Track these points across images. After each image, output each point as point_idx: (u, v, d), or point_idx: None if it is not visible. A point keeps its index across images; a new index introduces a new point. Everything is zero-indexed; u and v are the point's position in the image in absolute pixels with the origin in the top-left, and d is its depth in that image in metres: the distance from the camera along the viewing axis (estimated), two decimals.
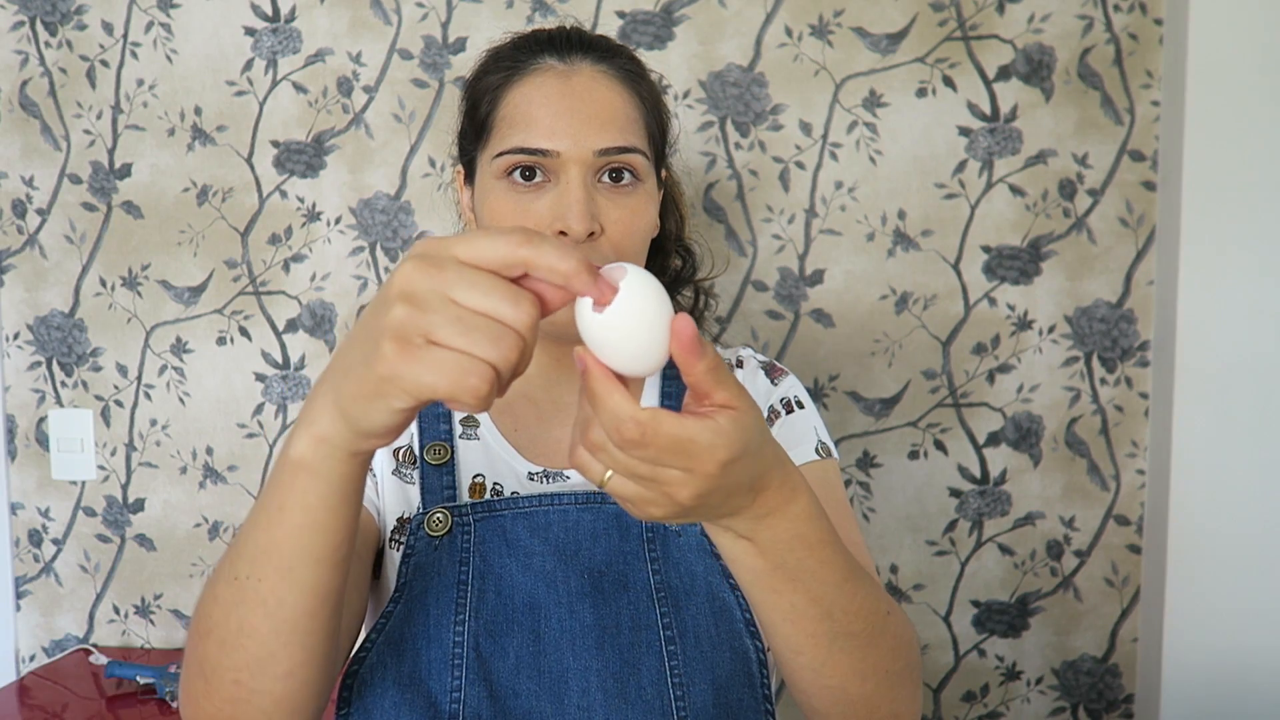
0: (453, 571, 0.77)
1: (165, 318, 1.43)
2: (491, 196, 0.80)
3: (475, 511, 0.79)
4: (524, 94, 0.79)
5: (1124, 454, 1.34)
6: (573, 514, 0.79)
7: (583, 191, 0.77)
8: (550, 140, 0.77)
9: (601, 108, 0.79)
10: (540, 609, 0.76)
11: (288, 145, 1.39)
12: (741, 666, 0.77)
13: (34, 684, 1.37)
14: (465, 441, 0.85)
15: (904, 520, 1.37)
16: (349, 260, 1.39)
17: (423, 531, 0.79)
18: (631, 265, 0.51)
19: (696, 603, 0.78)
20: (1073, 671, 1.36)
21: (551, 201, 0.78)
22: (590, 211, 0.77)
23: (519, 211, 0.78)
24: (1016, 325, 1.34)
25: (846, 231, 1.34)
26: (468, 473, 0.83)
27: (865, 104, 1.32)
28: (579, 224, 0.76)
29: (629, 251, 0.80)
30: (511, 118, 0.79)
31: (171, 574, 1.46)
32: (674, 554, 0.79)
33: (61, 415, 1.45)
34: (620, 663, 0.74)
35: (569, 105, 0.78)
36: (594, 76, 0.80)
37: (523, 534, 0.79)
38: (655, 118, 0.85)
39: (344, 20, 1.36)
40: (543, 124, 0.78)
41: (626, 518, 0.79)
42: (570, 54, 0.81)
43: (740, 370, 0.91)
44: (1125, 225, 1.32)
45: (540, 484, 0.83)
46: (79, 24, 1.40)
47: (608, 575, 0.77)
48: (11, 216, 1.44)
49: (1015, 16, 1.30)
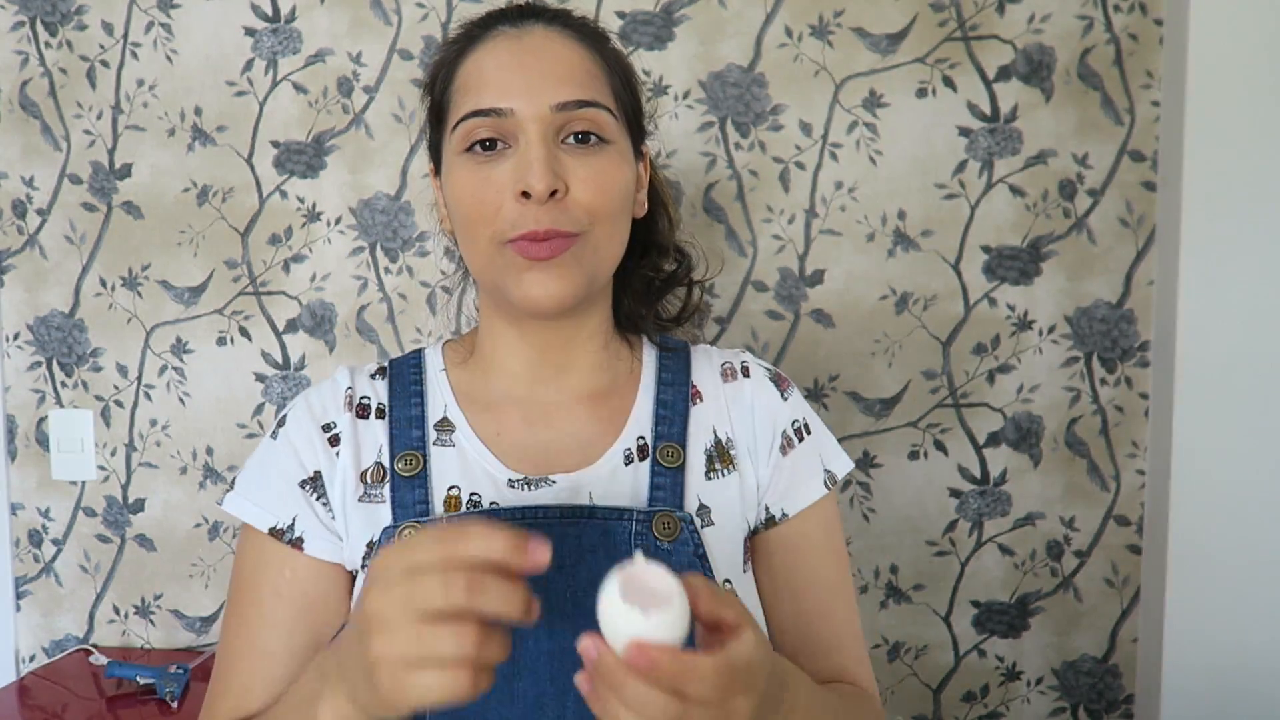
0: None
1: (165, 318, 1.43)
2: (453, 175, 0.76)
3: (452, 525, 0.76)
4: (476, 61, 0.76)
5: (1124, 454, 1.34)
6: (557, 529, 0.74)
7: (542, 148, 0.72)
8: (503, 99, 0.73)
9: (556, 62, 0.75)
10: (517, 631, 0.69)
11: (288, 145, 1.39)
12: None
13: (34, 684, 1.37)
14: (440, 449, 0.80)
15: (904, 520, 1.37)
16: (349, 260, 1.39)
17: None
18: (653, 567, 0.55)
19: None
20: (1073, 672, 1.36)
21: (512, 165, 0.73)
22: (551, 168, 0.72)
23: (479, 181, 0.74)
24: (1016, 325, 1.34)
25: (846, 232, 1.34)
26: (442, 484, 0.78)
27: (865, 104, 1.32)
28: (539, 181, 0.71)
29: (603, 212, 0.75)
30: (464, 87, 0.76)
31: (171, 574, 1.46)
32: None
33: (61, 415, 1.45)
34: None
35: (520, 61, 0.74)
36: (547, 35, 0.76)
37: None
38: (624, 79, 0.80)
39: (344, 20, 1.36)
40: (494, 84, 0.74)
41: (615, 533, 0.75)
42: (523, 20, 0.77)
43: (748, 380, 0.86)
44: (1125, 225, 1.32)
45: (521, 491, 0.78)
46: (79, 24, 1.40)
47: (592, 595, 0.70)
48: (11, 216, 1.44)
49: (1015, 17, 1.30)
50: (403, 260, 1.39)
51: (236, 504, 0.80)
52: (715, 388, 0.85)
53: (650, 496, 0.78)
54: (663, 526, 0.76)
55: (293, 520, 0.78)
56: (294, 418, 0.82)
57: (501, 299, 0.79)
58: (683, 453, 0.81)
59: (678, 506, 0.78)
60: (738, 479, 0.82)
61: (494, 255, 0.75)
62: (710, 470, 0.81)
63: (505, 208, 0.73)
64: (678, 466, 0.80)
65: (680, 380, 0.85)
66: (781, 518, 0.84)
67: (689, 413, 0.83)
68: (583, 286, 0.76)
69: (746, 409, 0.85)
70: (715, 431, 0.83)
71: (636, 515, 0.76)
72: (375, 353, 1.40)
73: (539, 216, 0.72)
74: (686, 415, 0.83)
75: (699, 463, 0.81)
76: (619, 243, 0.79)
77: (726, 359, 0.88)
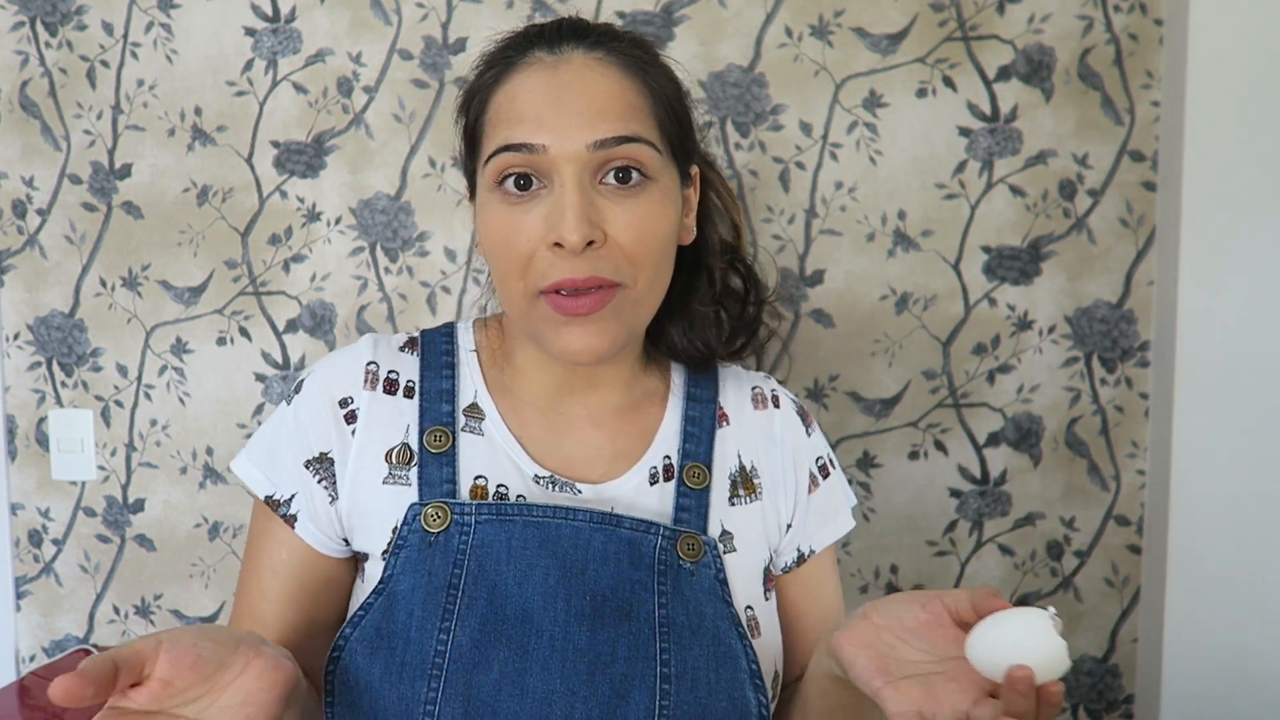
0: (444, 573, 0.72)
1: (165, 318, 1.43)
2: (486, 210, 0.73)
3: (481, 513, 0.73)
4: (508, 92, 0.72)
5: (1124, 454, 1.34)
6: (585, 532, 0.73)
7: (577, 194, 0.68)
8: (536, 134, 0.69)
9: (594, 97, 0.70)
10: (533, 624, 0.70)
11: (288, 145, 1.39)
12: (738, 717, 0.72)
13: (34, 684, 1.37)
14: (468, 435, 0.78)
15: (904, 520, 1.37)
16: (349, 260, 1.39)
17: (418, 524, 0.73)
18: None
19: (700, 644, 0.72)
20: (1073, 672, 1.36)
21: (545, 211, 0.70)
22: (587, 216, 0.68)
23: (510, 227, 0.71)
24: (1016, 325, 1.34)
25: (846, 232, 1.34)
26: (468, 471, 0.76)
27: (865, 104, 1.32)
28: (573, 233, 0.67)
29: (645, 262, 0.71)
30: (496, 119, 0.72)
31: (172, 574, 1.46)
32: (685, 591, 0.74)
33: (61, 415, 1.45)
34: (610, 693, 0.69)
35: (555, 95, 0.70)
36: (586, 64, 0.72)
37: (530, 544, 0.73)
38: (669, 107, 0.75)
39: (344, 20, 1.36)
40: (528, 118, 0.70)
41: (640, 546, 0.74)
42: (560, 44, 0.73)
43: (778, 411, 0.85)
44: (1125, 225, 1.32)
45: (548, 490, 0.77)
46: (79, 24, 1.40)
47: (611, 601, 0.72)
48: (11, 216, 1.44)
49: (1015, 17, 1.30)
50: (403, 260, 1.39)
51: (242, 466, 0.80)
52: (744, 413, 0.84)
53: (675, 518, 0.77)
54: (687, 547, 0.76)
55: (291, 496, 0.77)
56: (308, 389, 0.80)
57: (537, 344, 0.76)
58: (708, 474, 0.80)
59: (702, 530, 0.77)
60: (760, 508, 0.81)
61: (528, 307, 0.73)
62: (734, 496, 0.81)
63: (538, 257, 0.70)
64: (703, 488, 0.79)
65: (709, 398, 0.83)
66: (810, 554, 0.85)
67: (715, 434, 0.82)
68: (622, 339, 0.73)
69: (775, 442, 0.84)
70: (740, 457, 0.82)
71: (663, 531, 0.75)
72: None
73: (575, 266, 0.69)
74: (713, 436, 0.81)
75: (723, 487, 0.80)
76: (661, 287, 0.76)
77: (756, 384, 0.86)
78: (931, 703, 0.59)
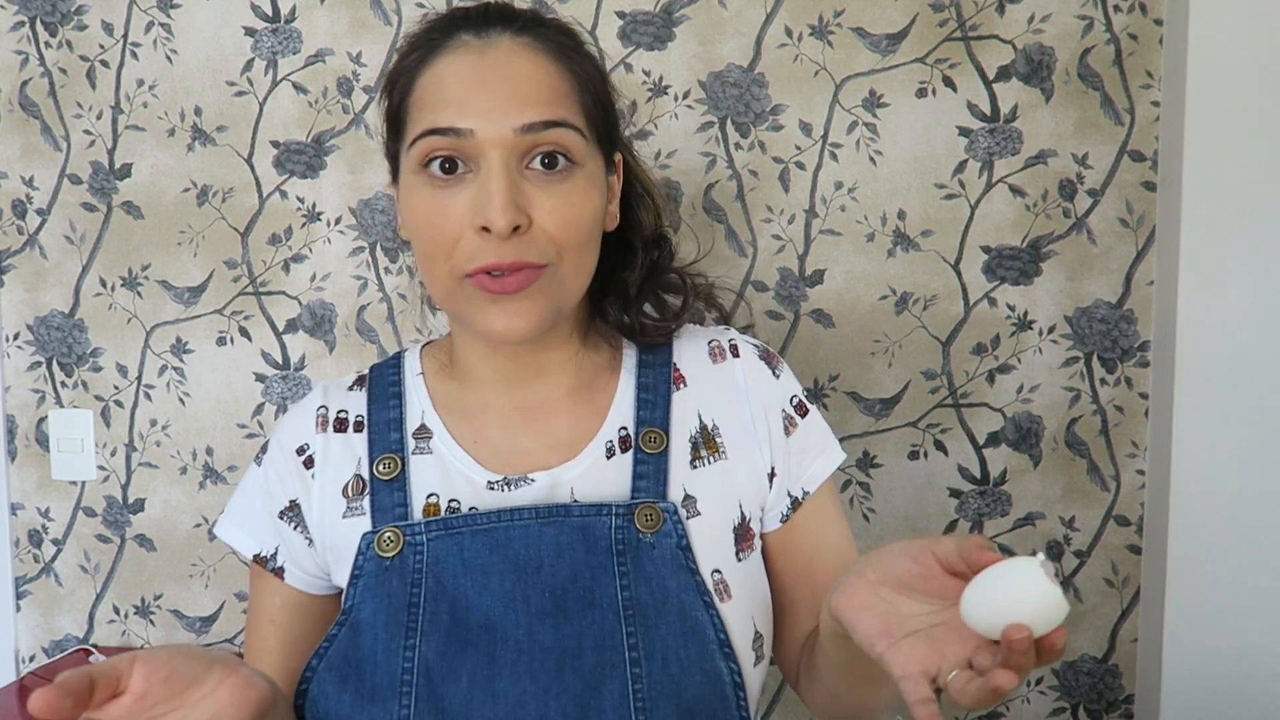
0: (403, 593, 0.72)
1: (165, 318, 1.43)
2: (411, 194, 0.73)
3: (430, 530, 0.74)
4: (435, 74, 0.72)
5: (1124, 454, 1.34)
6: (534, 529, 0.73)
7: (504, 179, 0.68)
8: (463, 118, 0.69)
9: (522, 81, 0.70)
10: (497, 630, 0.71)
11: (288, 145, 1.39)
12: (713, 689, 0.72)
13: (34, 684, 1.37)
14: (418, 457, 0.79)
15: (904, 520, 1.37)
16: (349, 260, 1.39)
17: (372, 551, 0.74)
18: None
19: (667, 622, 0.72)
20: (1073, 672, 1.37)
21: (471, 195, 0.70)
22: (514, 201, 0.68)
23: (435, 210, 0.71)
24: (1016, 325, 1.34)
25: (846, 232, 1.34)
26: (421, 491, 0.77)
27: (865, 104, 1.32)
28: (500, 217, 0.67)
29: (570, 245, 0.72)
30: (422, 101, 0.72)
31: (171, 574, 1.46)
32: (646, 567, 0.74)
33: (61, 415, 1.45)
34: (582, 686, 0.70)
35: (483, 79, 0.70)
36: (513, 49, 0.71)
37: (481, 552, 0.73)
38: (594, 93, 0.75)
39: (344, 20, 1.36)
40: (454, 101, 0.69)
41: (594, 530, 0.74)
42: (488, 28, 0.72)
43: (739, 360, 0.83)
44: (1125, 225, 1.32)
45: (501, 492, 0.77)
46: (79, 24, 1.40)
47: (571, 592, 0.72)
48: (11, 216, 1.44)
49: (1015, 17, 1.30)
50: (403, 260, 1.39)
51: (226, 530, 0.83)
52: (702, 370, 0.83)
53: (633, 487, 0.77)
54: (645, 519, 0.75)
55: (275, 550, 0.80)
56: (272, 446, 0.83)
57: (465, 326, 0.77)
58: (666, 438, 0.79)
59: (661, 497, 0.76)
60: (725, 467, 0.80)
61: (454, 288, 0.73)
62: (695, 458, 0.79)
63: (464, 240, 0.71)
64: (661, 452, 0.78)
65: (662, 362, 0.83)
66: (803, 497, 0.83)
67: (671, 398, 0.81)
68: (548, 318, 0.74)
69: (740, 392, 0.82)
70: (700, 417, 0.81)
71: (616, 509, 0.75)
72: (375, 353, 1.40)
73: (500, 250, 0.69)
74: (669, 400, 0.80)
75: (683, 450, 0.79)
76: (587, 270, 0.76)
77: (713, 337, 0.85)
78: (935, 658, 0.59)
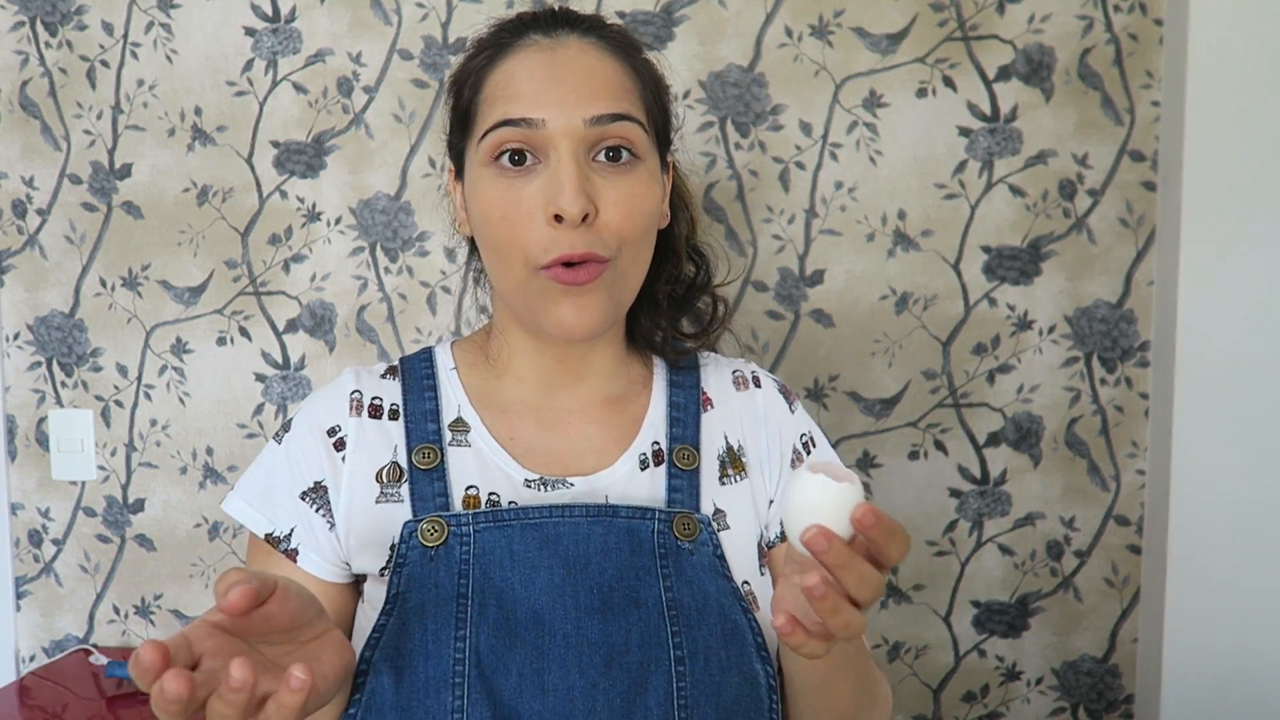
0: (450, 584, 0.73)
1: (165, 318, 1.43)
2: (480, 186, 0.75)
3: (478, 521, 0.75)
4: (506, 70, 0.74)
5: (1124, 454, 1.34)
6: (583, 527, 0.75)
7: (574, 168, 0.71)
8: (535, 109, 0.72)
9: (591, 75, 0.73)
10: (545, 624, 0.72)
11: (288, 145, 1.39)
12: (749, 691, 0.74)
13: (34, 684, 1.37)
14: (455, 449, 0.79)
15: (904, 520, 1.37)
16: (349, 260, 1.39)
17: (415, 540, 0.74)
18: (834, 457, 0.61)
19: (708, 623, 0.74)
20: (1073, 672, 1.36)
21: (542, 184, 0.72)
22: (584, 190, 0.71)
23: (508, 200, 0.73)
24: (1016, 325, 1.34)
25: (846, 232, 1.34)
26: (459, 483, 0.78)
27: (865, 104, 1.32)
28: (572, 204, 0.70)
29: (631, 237, 0.74)
30: (494, 96, 0.74)
31: (171, 574, 1.46)
32: (687, 571, 0.76)
33: (61, 415, 1.45)
34: (628, 682, 0.71)
35: (554, 74, 0.73)
36: (581, 47, 0.75)
37: (530, 546, 0.74)
38: (654, 94, 0.79)
39: (344, 20, 1.36)
40: (526, 94, 0.72)
41: (639, 532, 0.76)
42: (555, 29, 0.76)
43: (760, 390, 0.87)
44: (1125, 225, 1.31)
45: (538, 492, 0.78)
46: (79, 24, 1.40)
47: (618, 591, 0.73)
48: (11, 216, 1.44)
49: (1015, 17, 1.30)
50: (403, 260, 1.39)
51: (237, 506, 0.80)
52: (726, 394, 0.86)
53: (668, 499, 0.79)
54: (683, 527, 0.77)
55: (290, 531, 0.78)
56: (298, 425, 0.81)
57: (529, 320, 0.78)
58: (698, 455, 0.81)
59: (695, 509, 0.79)
60: (749, 485, 0.83)
61: (527, 280, 0.74)
62: (724, 476, 0.82)
63: (537, 231, 0.72)
64: (693, 469, 0.81)
65: (691, 384, 0.86)
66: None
67: (700, 418, 0.84)
68: (611, 313, 0.76)
69: (760, 418, 0.86)
70: (727, 438, 0.84)
71: (658, 515, 0.77)
72: (375, 353, 1.40)
73: (573, 240, 0.71)
74: (699, 420, 0.83)
75: (712, 468, 0.82)
76: (643, 266, 0.78)
77: (736, 368, 0.89)
78: (790, 600, 0.64)
